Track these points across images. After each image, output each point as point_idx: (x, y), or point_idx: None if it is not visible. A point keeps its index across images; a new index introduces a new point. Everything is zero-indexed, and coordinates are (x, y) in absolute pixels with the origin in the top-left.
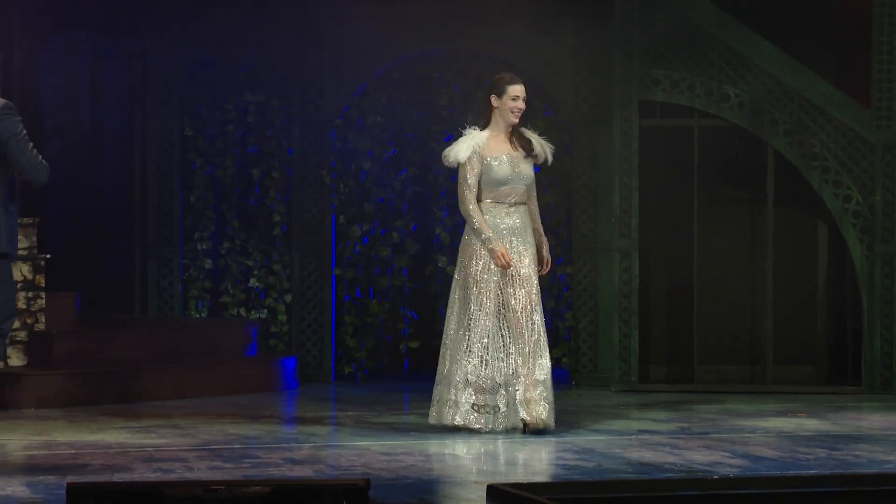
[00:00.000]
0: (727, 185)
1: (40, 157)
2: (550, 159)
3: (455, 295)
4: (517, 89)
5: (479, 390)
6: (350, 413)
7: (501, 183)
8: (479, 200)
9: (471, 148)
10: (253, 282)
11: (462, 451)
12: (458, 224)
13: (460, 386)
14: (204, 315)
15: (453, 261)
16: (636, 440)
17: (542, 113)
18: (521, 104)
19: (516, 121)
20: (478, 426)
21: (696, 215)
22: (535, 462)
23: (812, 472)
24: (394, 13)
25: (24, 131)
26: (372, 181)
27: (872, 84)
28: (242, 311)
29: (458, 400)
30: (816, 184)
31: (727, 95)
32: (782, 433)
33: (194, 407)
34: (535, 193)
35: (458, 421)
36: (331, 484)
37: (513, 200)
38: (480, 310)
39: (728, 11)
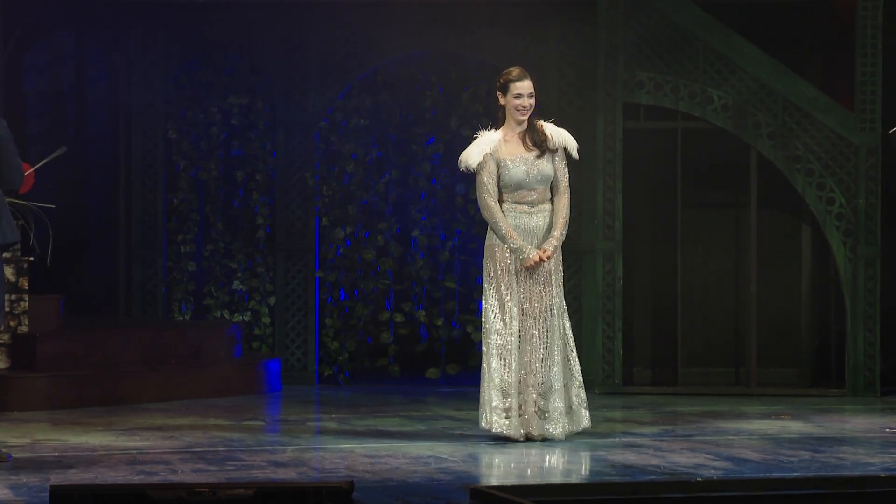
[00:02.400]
0: (711, 187)
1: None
2: (575, 154)
3: (484, 298)
4: (521, 86)
5: (504, 394)
6: (334, 415)
7: (518, 186)
8: (500, 202)
9: (482, 152)
10: (236, 284)
11: (446, 454)
12: (435, 227)
13: (491, 389)
14: (188, 317)
15: (430, 265)
16: (620, 442)
17: None
18: (525, 101)
19: (522, 119)
20: (504, 431)
21: (679, 218)
22: (519, 465)
23: (795, 474)
24: (378, 16)
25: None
26: (356, 184)
27: (856, 87)
28: (226, 314)
29: (492, 403)
30: (800, 186)
31: (711, 98)
32: (766, 435)
33: (178, 409)
34: (563, 186)
35: (494, 428)
36: (314, 486)
37: (534, 200)
38: (503, 312)
39: (712, 14)
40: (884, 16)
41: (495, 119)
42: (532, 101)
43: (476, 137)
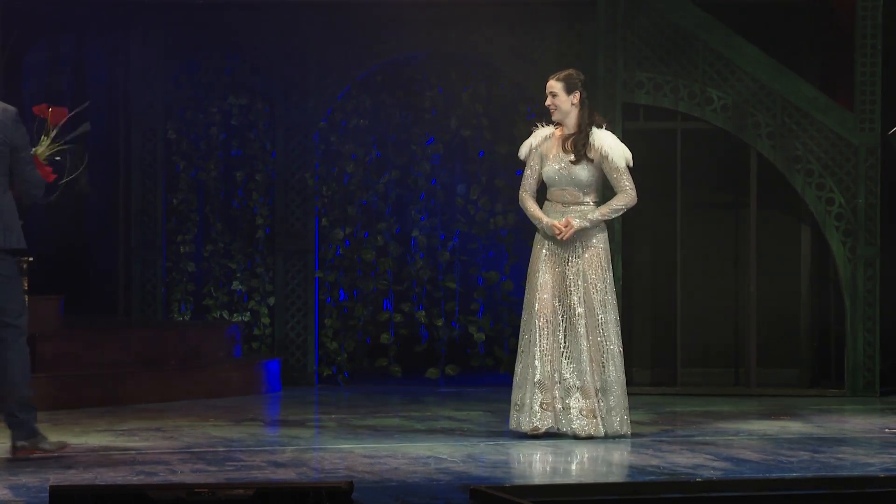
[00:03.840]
0: (710, 187)
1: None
2: (620, 163)
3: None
4: (547, 86)
5: (543, 390)
6: (333, 416)
7: (551, 184)
8: (547, 199)
9: (528, 145)
10: (236, 284)
11: (445, 454)
12: (435, 227)
13: (525, 387)
14: (187, 318)
15: (430, 265)
16: (620, 442)
17: (525, 116)
18: (548, 101)
19: (554, 118)
20: (544, 424)
21: (679, 218)
22: (519, 465)
23: (795, 474)
24: (378, 16)
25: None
26: (355, 184)
27: (856, 87)
28: (225, 314)
29: (524, 403)
30: (800, 187)
31: (710, 98)
32: (766, 436)
33: (177, 410)
34: (622, 188)
35: (523, 426)
36: (314, 487)
37: (567, 201)
38: (537, 311)
39: (712, 15)
40: (883, 16)
41: (494, 119)
42: (553, 100)
43: (534, 130)
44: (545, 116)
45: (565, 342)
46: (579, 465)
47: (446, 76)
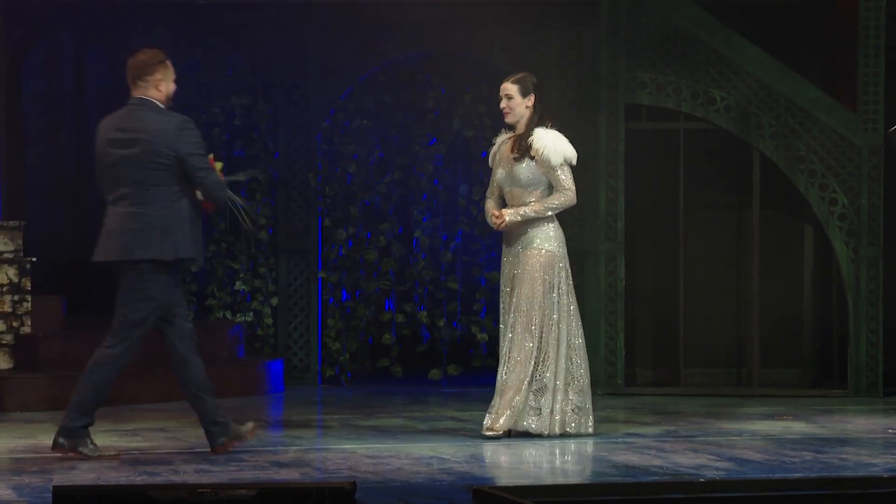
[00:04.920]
0: (713, 188)
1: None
2: (554, 160)
3: None
4: (501, 88)
5: (497, 392)
6: (336, 416)
7: (501, 186)
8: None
9: (492, 153)
10: (239, 285)
11: (449, 454)
12: (437, 227)
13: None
14: (190, 318)
15: (432, 265)
16: (622, 443)
17: None
18: (502, 104)
19: (508, 121)
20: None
21: (682, 218)
22: (522, 465)
23: (798, 475)
24: (380, 16)
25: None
26: (358, 184)
27: (859, 87)
28: (228, 315)
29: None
30: (803, 187)
31: (713, 99)
32: (768, 436)
33: (180, 410)
34: (561, 188)
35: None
36: (317, 487)
37: (514, 202)
38: (503, 315)
39: (714, 15)
40: (886, 16)
41: (496, 120)
42: (508, 102)
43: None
44: (549, 117)
45: (509, 341)
46: (582, 465)
47: (449, 77)
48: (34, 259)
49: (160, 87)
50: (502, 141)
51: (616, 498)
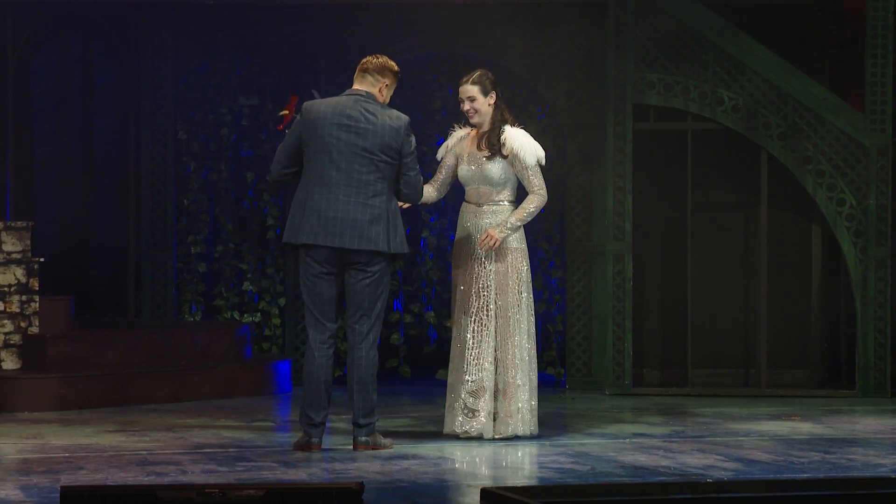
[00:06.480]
0: (721, 188)
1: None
2: (529, 160)
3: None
4: (461, 90)
5: (468, 394)
6: (343, 416)
7: (465, 183)
8: (464, 200)
9: (445, 146)
10: (246, 285)
11: (456, 455)
12: (445, 228)
13: (455, 391)
14: (198, 318)
15: (440, 265)
16: (630, 443)
17: (535, 117)
18: (465, 106)
19: (472, 122)
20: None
21: (690, 219)
22: (529, 466)
23: (806, 475)
24: (387, 17)
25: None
26: None
27: (867, 87)
28: (236, 315)
29: (452, 406)
30: (810, 187)
31: (721, 99)
32: (776, 437)
33: (188, 410)
34: (533, 190)
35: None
36: (324, 488)
37: (480, 200)
38: (462, 314)
39: (722, 15)
40: (894, 16)
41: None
42: (472, 104)
43: (451, 132)
44: (555, 116)
45: (472, 342)
46: (589, 465)
47: (457, 77)
48: (42, 259)
49: (383, 91)
50: (461, 137)
51: (623, 498)
